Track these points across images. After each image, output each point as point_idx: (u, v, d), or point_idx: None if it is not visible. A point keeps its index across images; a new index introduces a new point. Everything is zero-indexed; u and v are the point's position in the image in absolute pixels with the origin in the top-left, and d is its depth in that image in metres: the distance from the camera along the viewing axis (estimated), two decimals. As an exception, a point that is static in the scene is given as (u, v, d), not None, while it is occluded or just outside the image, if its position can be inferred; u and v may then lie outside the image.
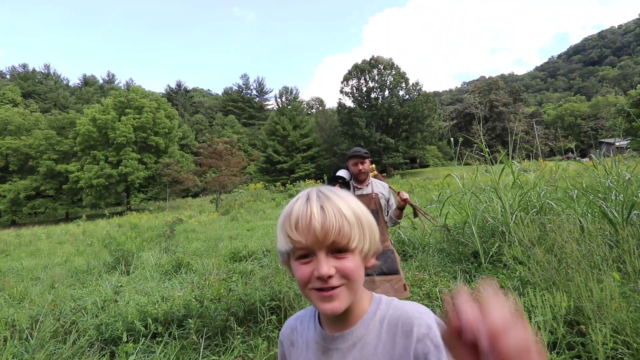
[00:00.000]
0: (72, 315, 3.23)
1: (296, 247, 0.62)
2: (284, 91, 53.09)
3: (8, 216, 32.88)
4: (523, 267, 3.03)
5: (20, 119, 36.19)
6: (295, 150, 43.57)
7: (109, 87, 70.72)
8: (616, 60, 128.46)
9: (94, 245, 10.03)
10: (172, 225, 10.26)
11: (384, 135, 40.48)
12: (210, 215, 16.20)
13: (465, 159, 5.14)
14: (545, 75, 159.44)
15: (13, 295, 4.47)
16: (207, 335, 2.81)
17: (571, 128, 60.94)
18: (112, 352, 2.70)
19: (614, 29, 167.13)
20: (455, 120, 57.72)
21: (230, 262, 5.52)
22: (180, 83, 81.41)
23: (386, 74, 43.02)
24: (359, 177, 2.66)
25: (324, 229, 0.60)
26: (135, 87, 39.66)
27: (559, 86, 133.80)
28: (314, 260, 0.62)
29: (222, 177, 22.70)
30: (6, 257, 10.02)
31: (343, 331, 0.67)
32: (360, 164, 2.64)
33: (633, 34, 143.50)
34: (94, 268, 6.00)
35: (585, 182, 4.47)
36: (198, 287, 3.85)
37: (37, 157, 33.81)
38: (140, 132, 33.77)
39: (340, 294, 0.61)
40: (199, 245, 7.78)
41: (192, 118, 64.62)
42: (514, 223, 3.71)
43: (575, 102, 73.06)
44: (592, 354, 1.90)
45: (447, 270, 3.79)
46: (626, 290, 2.35)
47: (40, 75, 67.00)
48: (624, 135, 28.87)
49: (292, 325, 0.79)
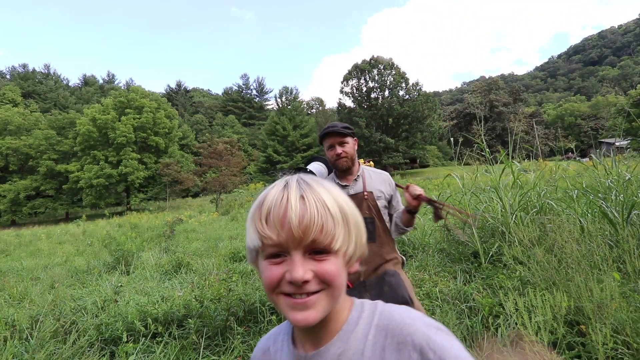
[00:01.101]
0: (72, 315, 3.23)
1: (265, 243, 0.51)
2: (284, 91, 53.14)
3: (8, 216, 32.88)
4: (523, 267, 3.03)
5: (20, 119, 36.17)
6: (295, 150, 43.59)
7: (109, 87, 70.73)
8: (616, 60, 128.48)
9: (94, 245, 10.02)
10: (172, 225, 10.26)
11: (384, 136, 40.49)
12: (210, 215, 16.20)
13: (465, 159, 5.14)
14: (545, 75, 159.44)
15: (13, 295, 4.47)
16: (207, 335, 2.80)
17: (571, 128, 60.93)
18: (112, 352, 2.69)
19: (614, 29, 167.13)
20: (455, 120, 57.69)
21: (230, 262, 5.52)
22: (180, 83, 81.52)
23: (386, 74, 43.06)
24: (339, 165, 1.83)
25: (302, 224, 0.49)
26: (135, 87, 39.67)
27: (559, 86, 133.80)
28: (287, 261, 0.51)
29: (222, 177, 22.69)
30: (6, 257, 10.01)
31: (319, 348, 0.55)
32: (338, 146, 1.82)
33: (633, 34, 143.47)
34: (94, 268, 6.00)
35: (585, 182, 4.47)
36: (198, 287, 3.85)
37: (37, 157, 33.81)
38: (140, 132, 33.78)
39: (317, 302, 0.50)
40: (199, 245, 7.77)
41: (192, 118, 64.61)
42: (514, 223, 3.71)
43: (575, 102, 73.05)
44: (592, 354, 1.90)
45: (447, 270, 3.79)
46: (626, 290, 2.35)
47: (40, 75, 66.97)
48: (624, 135, 28.87)
49: (264, 347, 0.66)
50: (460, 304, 2.79)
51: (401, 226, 1.83)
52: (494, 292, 2.86)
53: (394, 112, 41.33)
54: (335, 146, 1.83)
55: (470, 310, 2.69)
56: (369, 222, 1.65)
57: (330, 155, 1.85)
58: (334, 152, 1.83)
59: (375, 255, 1.76)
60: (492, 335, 2.33)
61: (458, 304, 2.81)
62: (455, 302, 2.85)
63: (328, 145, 1.85)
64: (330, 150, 1.85)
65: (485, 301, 2.56)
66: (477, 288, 2.98)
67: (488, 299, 2.59)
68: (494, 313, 2.51)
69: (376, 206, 1.81)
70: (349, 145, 1.85)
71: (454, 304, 2.82)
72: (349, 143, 1.85)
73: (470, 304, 2.75)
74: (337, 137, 1.83)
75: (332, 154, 1.84)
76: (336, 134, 1.83)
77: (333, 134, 1.83)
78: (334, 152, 1.83)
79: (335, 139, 1.83)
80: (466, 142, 4.89)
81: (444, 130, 49.57)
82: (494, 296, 2.76)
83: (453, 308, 2.75)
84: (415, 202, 1.70)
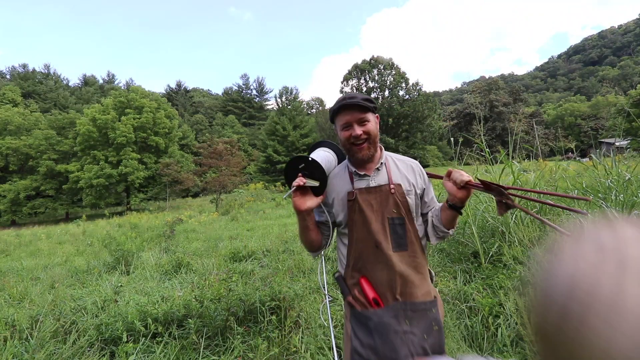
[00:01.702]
0: (72, 315, 3.23)
1: None
2: (284, 91, 53.12)
3: (8, 216, 32.88)
4: (523, 267, 3.03)
5: (20, 119, 36.16)
6: (295, 151, 43.56)
7: (109, 87, 70.72)
8: (616, 60, 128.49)
9: (94, 245, 10.02)
10: (172, 225, 10.27)
11: (384, 135, 40.51)
12: (210, 215, 16.19)
13: (465, 159, 5.14)
14: (545, 75, 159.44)
15: (13, 295, 4.47)
16: (207, 335, 2.81)
17: (571, 128, 60.93)
18: (112, 352, 2.70)
19: (614, 29, 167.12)
20: (455, 120, 57.71)
21: (230, 262, 5.52)
22: (180, 83, 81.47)
23: (386, 74, 43.08)
24: (359, 153, 1.34)
25: None
26: (135, 87, 39.64)
27: (559, 86, 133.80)
28: None
29: (222, 177, 22.69)
30: (6, 257, 10.01)
31: None
32: (356, 125, 1.32)
33: (633, 34, 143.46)
34: (94, 268, 6.00)
35: (585, 182, 4.46)
36: (198, 287, 3.85)
37: (37, 157, 33.81)
38: (140, 132, 33.77)
39: None
40: (199, 245, 7.77)
41: (192, 118, 64.60)
42: (514, 223, 3.71)
43: (575, 102, 73.06)
44: (592, 354, 1.89)
45: (447, 270, 3.79)
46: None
47: (40, 75, 66.95)
48: (624, 135, 28.86)
49: None
50: (460, 304, 2.79)
51: (441, 228, 1.39)
52: (494, 292, 2.86)
53: (394, 112, 41.37)
54: (352, 125, 1.33)
55: (470, 310, 2.69)
56: (397, 224, 1.32)
57: (345, 137, 1.34)
58: (350, 132, 1.33)
59: (409, 269, 1.31)
60: (492, 335, 2.33)
61: (458, 304, 2.81)
62: (455, 302, 2.85)
63: (343, 123, 1.34)
64: (346, 130, 1.34)
65: (485, 301, 2.57)
66: (477, 288, 2.98)
67: (488, 299, 2.59)
68: (494, 313, 2.51)
69: (406, 203, 1.35)
70: (371, 124, 1.34)
71: (454, 304, 2.82)
72: (370, 121, 1.34)
73: (470, 304, 2.75)
74: (357, 111, 1.32)
75: (348, 135, 1.33)
76: (355, 107, 1.32)
77: (350, 108, 1.32)
78: (350, 132, 1.33)
79: (354, 114, 1.32)
80: (466, 142, 4.89)
81: (444, 130, 49.57)
82: (494, 296, 2.77)
83: (453, 308, 2.75)
84: (463, 193, 1.29)
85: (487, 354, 2.17)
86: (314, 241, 1.44)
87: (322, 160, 1.37)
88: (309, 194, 1.36)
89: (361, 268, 1.35)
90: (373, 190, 1.36)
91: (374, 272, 1.32)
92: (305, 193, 1.35)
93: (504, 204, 1.25)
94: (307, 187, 1.34)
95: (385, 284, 1.30)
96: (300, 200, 1.33)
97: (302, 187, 1.33)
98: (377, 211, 1.34)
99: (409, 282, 1.30)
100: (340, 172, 1.47)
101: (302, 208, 1.32)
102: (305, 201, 1.33)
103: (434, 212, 1.44)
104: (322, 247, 1.48)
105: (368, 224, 1.33)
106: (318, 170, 1.33)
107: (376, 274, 1.31)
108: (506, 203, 1.24)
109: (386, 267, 1.30)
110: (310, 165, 1.33)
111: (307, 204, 1.33)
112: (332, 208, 1.44)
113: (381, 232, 1.32)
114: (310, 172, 1.34)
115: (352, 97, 1.33)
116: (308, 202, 1.33)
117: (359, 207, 1.35)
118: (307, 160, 1.33)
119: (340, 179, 1.44)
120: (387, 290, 1.30)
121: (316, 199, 1.36)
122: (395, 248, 1.32)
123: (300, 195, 1.34)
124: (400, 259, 1.32)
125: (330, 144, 1.61)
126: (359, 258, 1.36)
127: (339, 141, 1.44)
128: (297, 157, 1.34)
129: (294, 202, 1.32)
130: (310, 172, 1.34)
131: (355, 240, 1.36)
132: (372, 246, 1.32)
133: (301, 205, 1.32)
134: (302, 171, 1.33)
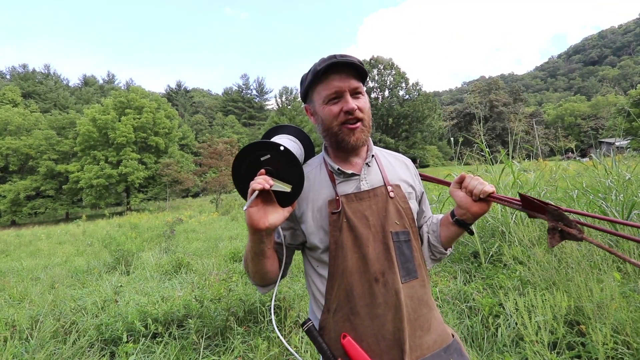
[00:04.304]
0: (72, 315, 3.23)
1: None
2: (284, 91, 53.09)
3: (8, 216, 32.89)
4: (523, 267, 3.03)
5: (20, 119, 36.15)
6: (295, 150, 43.63)
7: (109, 87, 70.77)
8: (616, 60, 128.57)
9: (94, 245, 10.03)
10: (172, 225, 10.28)
11: (384, 135, 40.52)
12: (210, 215, 16.19)
13: (465, 159, 5.14)
14: (545, 75, 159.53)
15: (13, 295, 4.47)
16: (207, 335, 2.81)
17: (571, 128, 60.94)
18: (112, 352, 2.70)
19: (614, 29, 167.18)
20: (455, 120, 57.75)
21: (230, 262, 5.52)
22: (180, 83, 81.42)
23: (386, 74, 43.14)
24: (351, 135, 0.95)
25: None
26: (135, 87, 39.63)
27: (559, 86, 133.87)
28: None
29: (222, 177, 22.70)
30: (6, 257, 10.01)
31: None
32: (349, 96, 0.94)
33: (633, 34, 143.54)
34: (94, 268, 6.00)
35: (585, 182, 4.46)
36: (198, 287, 3.85)
37: (37, 157, 33.81)
38: (140, 132, 33.78)
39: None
40: (199, 245, 7.77)
41: (192, 118, 64.63)
42: (514, 223, 3.71)
43: (575, 102, 73.04)
44: (592, 354, 1.90)
45: (447, 270, 3.79)
46: (626, 290, 2.35)
47: (40, 75, 66.96)
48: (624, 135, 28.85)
49: None
50: (461, 304, 2.79)
51: (439, 248, 1.08)
52: (494, 292, 2.86)
53: (394, 112, 41.41)
54: (344, 95, 0.93)
55: (470, 310, 2.70)
56: (403, 241, 0.94)
57: (333, 114, 0.94)
58: (341, 106, 0.93)
59: (421, 306, 0.94)
60: (492, 335, 2.33)
61: (458, 304, 2.81)
62: (456, 302, 2.85)
63: (330, 93, 0.93)
64: (333, 102, 0.94)
65: (485, 301, 2.57)
66: (477, 288, 2.99)
67: (488, 299, 2.59)
68: (494, 313, 2.51)
69: (409, 210, 0.99)
70: (366, 102, 0.98)
71: (454, 304, 2.82)
72: (365, 97, 0.98)
73: (470, 304, 2.75)
74: (351, 77, 0.94)
75: (338, 110, 0.94)
76: (349, 68, 0.93)
77: (342, 70, 0.93)
78: (341, 106, 0.93)
79: (347, 80, 0.93)
80: (466, 142, 4.90)
81: (444, 130, 49.61)
82: (494, 296, 2.77)
83: (453, 308, 2.75)
84: (480, 207, 0.96)
85: (487, 354, 2.17)
86: (268, 272, 0.95)
87: (295, 152, 0.91)
88: (272, 204, 0.86)
89: (349, 315, 0.90)
90: (366, 196, 0.96)
91: (372, 321, 0.88)
92: (268, 202, 0.85)
93: (560, 232, 0.82)
94: (273, 192, 0.85)
95: (389, 339, 0.87)
96: (259, 214, 0.83)
97: (265, 192, 0.83)
98: (375, 226, 0.93)
99: (423, 327, 0.92)
100: (313, 172, 1.03)
101: (262, 226, 0.83)
102: (266, 214, 0.84)
103: (430, 227, 1.11)
104: (277, 279, 1.00)
105: (363, 247, 0.91)
106: (291, 167, 0.86)
107: (374, 323, 0.88)
108: (566, 232, 0.81)
109: (392, 309, 0.88)
110: (278, 159, 0.86)
111: (270, 219, 0.84)
112: (303, 224, 0.98)
113: (384, 257, 0.91)
114: (277, 170, 0.86)
115: (344, 56, 0.92)
116: (271, 217, 0.84)
117: (347, 222, 0.92)
118: (274, 150, 0.85)
119: (315, 181, 1.00)
120: (392, 348, 0.87)
121: (283, 212, 0.87)
122: (404, 277, 0.91)
123: (262, 205, 0.84)
124: (410, 293, 0.92)
125: (294, 129, 1.14)
126: (346, 299, 0.91)
127: (319, 122, 0.99)
128: (257, 142, 0.85)
129: (250, 215, 0.82)
130: (278, 170, 0.86)
131: (342, 272, 0.91)
132: (369, 280, 0.89)
133: (260, 222, 0.82)
134: (266, 167, 0.86)
